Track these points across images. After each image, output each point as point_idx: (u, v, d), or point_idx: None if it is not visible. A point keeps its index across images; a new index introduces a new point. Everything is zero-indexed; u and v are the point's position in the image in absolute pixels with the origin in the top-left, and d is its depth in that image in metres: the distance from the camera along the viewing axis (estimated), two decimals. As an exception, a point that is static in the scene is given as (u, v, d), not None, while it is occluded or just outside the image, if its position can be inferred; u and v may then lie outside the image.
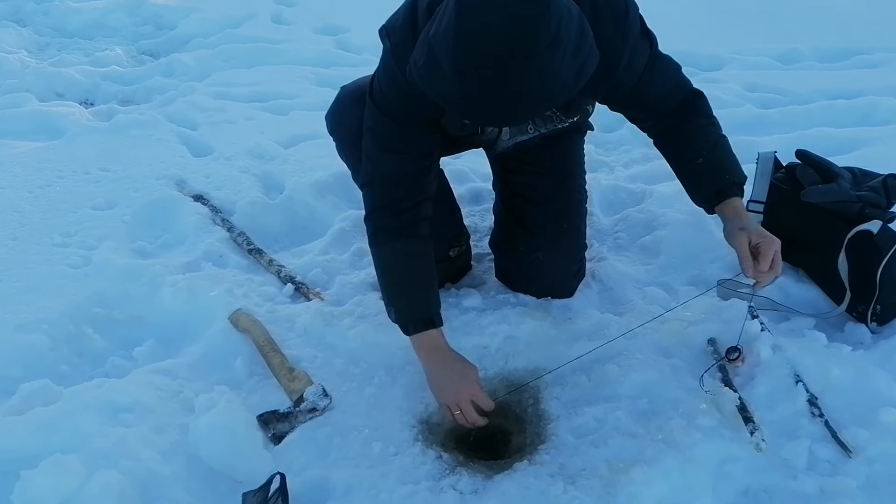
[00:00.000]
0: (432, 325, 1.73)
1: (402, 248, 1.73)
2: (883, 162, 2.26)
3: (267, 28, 4.75)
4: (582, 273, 2.11)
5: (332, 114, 1.99)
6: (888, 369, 1.74)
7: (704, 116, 1.81)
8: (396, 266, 1.75)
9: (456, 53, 1.25)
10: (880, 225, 1.88)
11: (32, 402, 1.71)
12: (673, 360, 1.82)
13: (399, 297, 1.76)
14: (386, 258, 1.76)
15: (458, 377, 1.71)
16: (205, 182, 2.75)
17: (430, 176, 1.77)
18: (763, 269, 1.64)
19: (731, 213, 1.73)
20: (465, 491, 1.55)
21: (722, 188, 1.75)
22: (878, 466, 1.53)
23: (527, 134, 1.87)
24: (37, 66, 4.17)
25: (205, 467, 1.61)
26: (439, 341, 1.74)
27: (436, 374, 1.73)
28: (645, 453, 1.57)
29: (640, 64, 1.65)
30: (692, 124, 1.79)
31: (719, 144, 1.80)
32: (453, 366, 1.73)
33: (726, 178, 1.76)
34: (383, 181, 1.73)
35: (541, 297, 2.04)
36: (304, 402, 1.76)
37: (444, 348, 1.75)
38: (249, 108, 3.51)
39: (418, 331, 1.73)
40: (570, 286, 2.07)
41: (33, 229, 2.45)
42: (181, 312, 2.10)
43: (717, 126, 1.81)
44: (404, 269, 1.74)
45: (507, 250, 2.10)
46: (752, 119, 3.20)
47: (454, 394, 1.69)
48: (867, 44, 4.08)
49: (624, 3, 1.56)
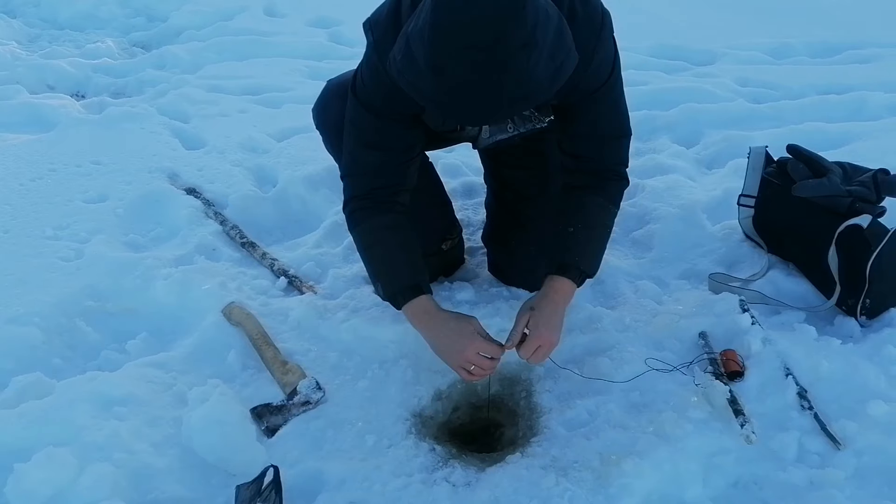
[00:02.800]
0: (420, 292, 1.69)
1: (379, 223, 1.73)
2: (873, 156, 2.28)
3: (259, 20, 4.73)
4: None
5: (318, 108, 2.00)
6: (877, 362, 1.76)
7: (611, 200, 1.78)
8: (376, 240, 1.75)
9: (432, 51, 1.26)
10: (870, 219, 1.89)
11: (25, 396, 1.71)
12: (664, 354, 1.83)
13: (383, 271, 1.75)
14: (365, 236, 1.76)
15: (458, 335, 1.64)
16: (197, 175, 2.74)
17: (411, 170, 1.76)
18: (523, 355, 1.64)
19: (546, 290, 1.69)
20: (457, 483, 1.56)
21: (566, 264, 1.70)
22: (866, 458, 1.55)
23: (506, 133, 1.85)
24: (27, 58, 4.15)
25: (198, 460, 1.62)
26: (430, 306, 1.69)
27: (435, 339, 1.68)
28: (636, 445, 1.58)
29: (603, 75, 1.64)
30: (592, 200, 1.76)
31: (598, 230, 1.77)
32: (450, 325, 1.66)
33: (576, 259, 1.71)
34: (362, 174, 1.74)
35: (534, 291, 2.04)
36: (297, 395, 1.77)
37: (437, 311, 1.69)
38: (242, 101, 3.50)
39: (407, 299, 1.68)
40: None
41: (25, 222, 2.44)
42: (174, 306, 2.10)
43: (610, 214, 1.79)
44: (384, 241, 1.74)
45: (500, 244, 2.11)
46: (744, 113, 3.21)
47: (459, 354, 1.63)
48: (858, 39, 4.10)
49: (601, 16, 1.56)
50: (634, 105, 3.26)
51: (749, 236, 2.24)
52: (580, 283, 1.73)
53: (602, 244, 1.78)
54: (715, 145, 2.93)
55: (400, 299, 1.70)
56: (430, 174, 2.13)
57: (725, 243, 2.26)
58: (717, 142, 2.93)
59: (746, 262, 2.18)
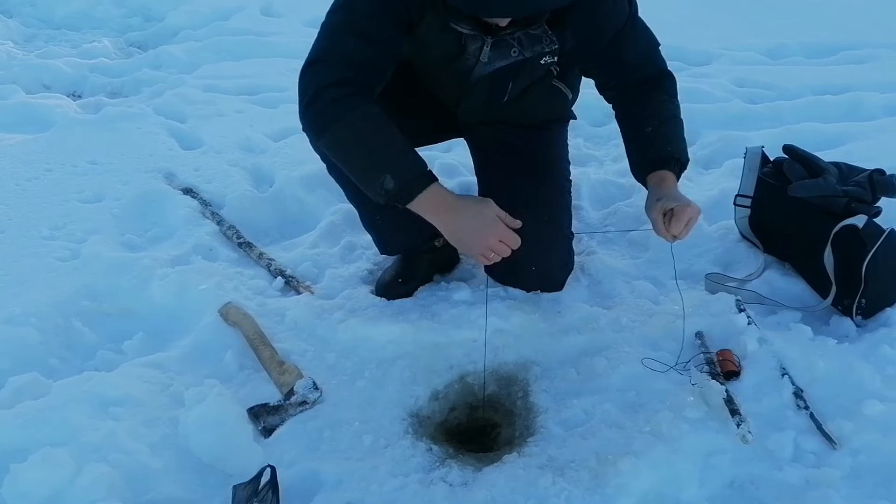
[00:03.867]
0: (434, 179, 1.59)
1: (374, 110, 1.59)
2: (869, 156, 2.29)
3: (256, 20, 4.73)
4: (570, 265, 2.11)
5: None
6: (872, 362, 1.77)
7: (667, 93, 1.84)
8: (376, 128, 1.58)
9: None
10: (866, 219, 1.90)
11: (21, 396, 1.71)
12: (661, 353, 1.84)
13: (391, 159, 1.58)
14: (360, 124, 1.58)
15: (481, 223, 1.59)
16: (194, 175, 2.74)
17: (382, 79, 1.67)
18: (674, 231, 1.65)
19: (656, 183, 1.74)
20: (454, 483, 1.56)
21: (660, 158, 1.76)
22: (862, 458, 1.56)
23: (508, 58, 1.74)
24: (24, 58, 4.15)
25: (195, 460, 1.61)
26: (445, 193, 1.60)
27: (455, 226, 1.60)
28: (633, 445, 1.58)
29: (621, 14, 1.70)
30: (653, 97, 1.82)
31: (672, 120, 1.81)
32: (471, 213, 1.60)
33: (668, 149, 1.76)
34: (341, 62, 1.60)
35: (530, 292, 2.05)
36: (294, 395, 1.76)
37: (454, 199, 1.61)
38: (239, 101, 3.50)
39: (423, 187, 1.57)
40: (558, 279, 2.08)
41: (21, 222, 2.43)
42: (171, 306, 2.10)
43: (676, 105, 1.84)
44: (385, 128, 1.58)
45: None
46: (740, 114, 3.22)
47: (483, 241, 1.60)
48: (854, 39, 4.11)
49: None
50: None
51: (745, 236, 2.25)
52: (679, 172, 1.76)
53: (680, 132, 1.82)
54: (711, 145, 2.93)
55: (416, 187, 1.57)
56: None
57: (722, 243, 2.27)
58: (714, 142, 2.94)
59: (743, 262, 2.18)
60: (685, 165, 1.79)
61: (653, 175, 1.75)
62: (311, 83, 1.62)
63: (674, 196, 1.69)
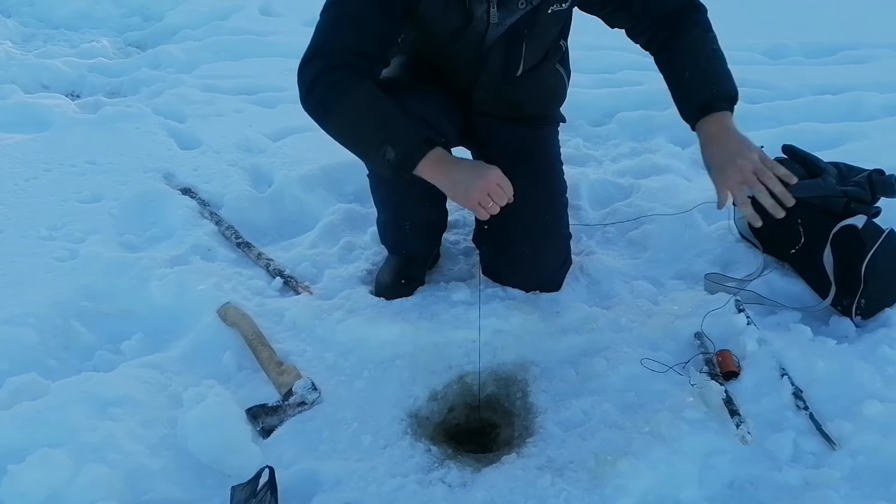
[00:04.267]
0: (435, 144, 1.65)
1: (370, 86, 1.65)
2: (868, 156, 2.29)
3: (255, 20, 4.73)
4: (568, 263, 2.11)
5: None
6: (872, 362, 1.76)
7: (699, 28, 1.78)
8: (373, 102, 1.64)
9: None
10: (865, 219, 1.90)
11: (19, 396, 1.70)
12: (660, 354, 1.83)
13: (390, 131, 1.63)
14: (358, 101, 1.64)
15: (478, 171, 1.64)
16: (193, 175, 2.74)
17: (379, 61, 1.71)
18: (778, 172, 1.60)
19: (710, 134, 1.67)
20: (453, 484, 1.56)
21: (705, 103, 1.70)
22: (861, 458, 1.55)
23: (517, 12, 1.74)
24: (22, 58, 4.14)
25: (193, 461, 1.61)
26: (446, 155, 1.67)
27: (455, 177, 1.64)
28: (632, 446, 1.58)
29: None
30: (684, 36, 1.77)
31: (710, 56, 1.75)
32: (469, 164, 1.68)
33: (712, 91, 1.70)
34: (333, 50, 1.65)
35: (529, 292, 2.04)
36: (293, 396, 1.76)
37: (454, 158, 1.69)
38: (238, 101, 3.49)
39: (423, 154, 1.62)
40: (556, 278, 2.08)
41: (19, 222, 2.43)
42: (169, 306, 2.09)
43: (710, 39, 1.78)
44: (381, 101, 1.64)
45: (491, 244, 2.10)
46: (740, 114, 3.19)
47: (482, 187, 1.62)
48: (853, 39, 4.11)
49: None
50: (630, 106, 3.31)
51: (745, 236, 2.25)
52: (731, 108, 1.72)
53: (721, 66, 1.75)
54: (711, 145, 2.93)
55: (418, 154, 1.62)
56: None
57: (721, 243, 2.26)
58: (713, 142, 2.93)
59: (742, 262, 2.18)
60: (735, 100, 1.73)
61: (704, 122, 1.69)
62: (308, 73, 1.66)
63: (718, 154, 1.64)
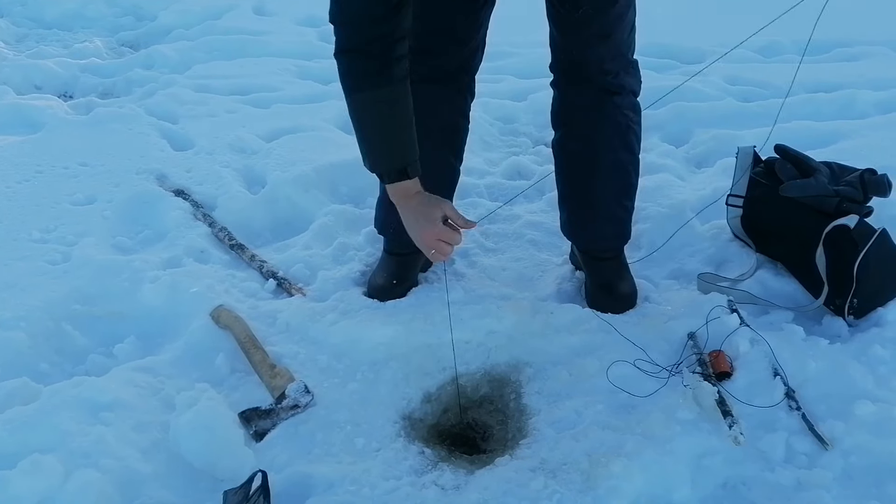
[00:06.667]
0: (406, 176, 1.70)
1: (374, 97, 1.67)
2: (862, 154, 2.30)
3: (248, 19, 4.72)
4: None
5: None
6: (864, 362, 1.76)
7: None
8: (370, 115, 1.70)
9: None
10: (857, 219, 1.90)
11: (11, 401, 1.70)
12: (653, 354, 1.83)
13: (373, 148, 1.72)
14: (358, 107, 1.70)
15: (424, 220, 1.71)
16: (186, 177, 2.73)
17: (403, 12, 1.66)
18: None
19: None
20: (447, 486, 1.56)
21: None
22: (853, 458, 1.55)
23: None
24: (14, 58, 4.13)
25: (186, 465, 1.61)
26: (410, 189, 1.72)
27: (405, 221, 1.74)
28: (625, 447, 1.58)
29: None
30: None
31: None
32: (419, 209, 1.72)
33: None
34: (351, 20, 1.64)
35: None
36: (285, 399, 1.76)
37: (413, 196, 1.73)
38: (231, 102, 3.48)
39: (392, 181, 1.71)
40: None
41: (11, 225, 2.42)
42: (162, 309, 2.09)
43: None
44: (377, 118, 1.70)
45: (577, 200, 2.06)
46: (733, 112, 3.22)
47: (423, 239, 1.71)
48: (847, 37, 4.10)
49: None
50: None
51: (738, 236, 2.25)
52: None
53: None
54: (704, 144, 2.93)
55: (386, 179, 1.72)
56: None
57: (714, 243, 2.26)
58: (706, 140, 2.94)
59: (735, 261, 2.18)
60: None
61: None
62: (336, 40, 1.67)
63: None
